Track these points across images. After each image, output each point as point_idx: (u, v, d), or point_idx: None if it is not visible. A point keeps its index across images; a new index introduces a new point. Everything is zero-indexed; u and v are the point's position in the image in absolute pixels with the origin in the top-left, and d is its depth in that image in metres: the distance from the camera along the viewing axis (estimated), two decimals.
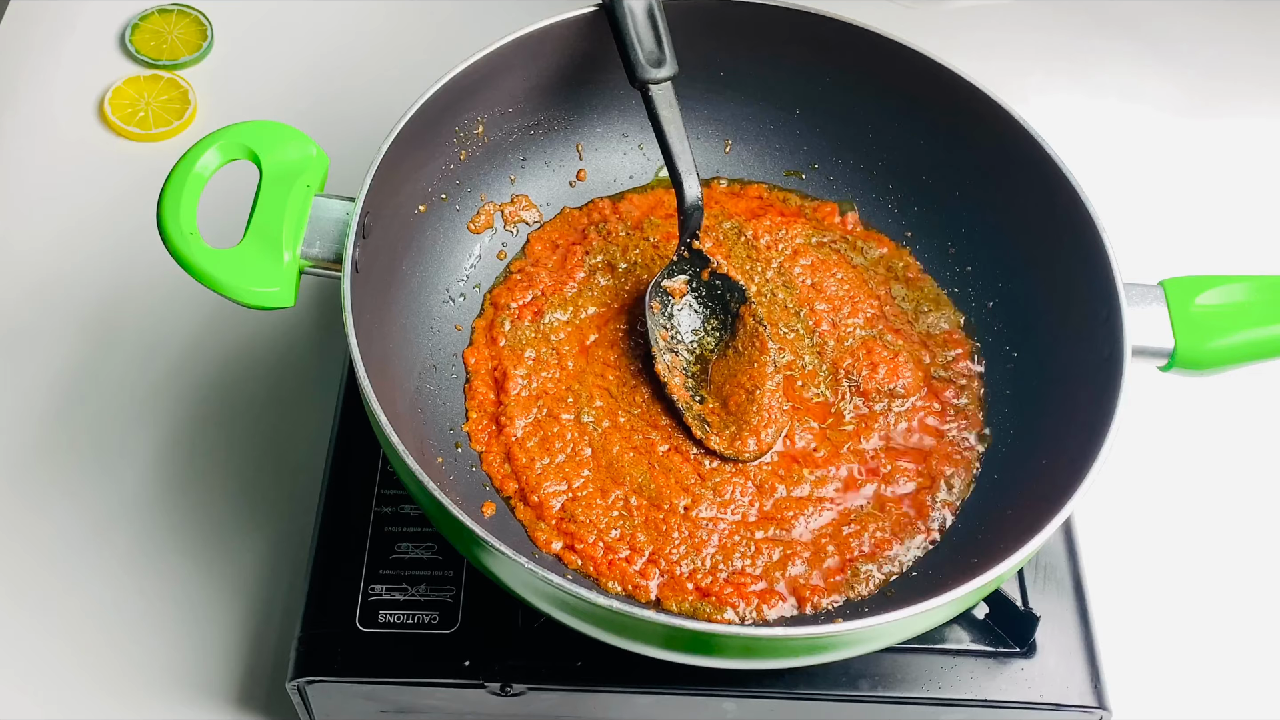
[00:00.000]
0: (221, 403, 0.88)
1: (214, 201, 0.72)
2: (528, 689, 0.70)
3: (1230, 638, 0.82)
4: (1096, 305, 0.69)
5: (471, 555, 0.64)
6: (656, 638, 0.62)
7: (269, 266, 0.67)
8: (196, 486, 0.85)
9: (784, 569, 0.70)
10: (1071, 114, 1.08)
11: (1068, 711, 0.70)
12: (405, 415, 0.72)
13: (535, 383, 0.76)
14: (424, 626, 0.71)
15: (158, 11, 1.09)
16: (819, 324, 0.79)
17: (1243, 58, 1.13)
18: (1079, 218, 0.71)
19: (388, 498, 0.76)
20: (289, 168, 0.69)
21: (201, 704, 0.77)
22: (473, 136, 0.79)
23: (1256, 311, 0.69)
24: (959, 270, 0.81)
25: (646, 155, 0.86)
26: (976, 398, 0.77)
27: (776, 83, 0.83)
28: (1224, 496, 0.88)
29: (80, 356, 0.90)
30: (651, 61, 0.74)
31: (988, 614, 0.72)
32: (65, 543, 0.82)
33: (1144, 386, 0.69)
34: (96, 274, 0.94)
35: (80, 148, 1.01)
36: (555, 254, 0.82)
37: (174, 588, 0.81)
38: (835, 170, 0.85)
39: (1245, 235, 1.01)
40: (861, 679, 0.70)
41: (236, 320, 0.91)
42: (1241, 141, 1.07)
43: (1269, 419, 0.92)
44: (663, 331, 0.77)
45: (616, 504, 0.72)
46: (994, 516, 0.71)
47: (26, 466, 0.85)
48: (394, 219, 0.74)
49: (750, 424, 0.74)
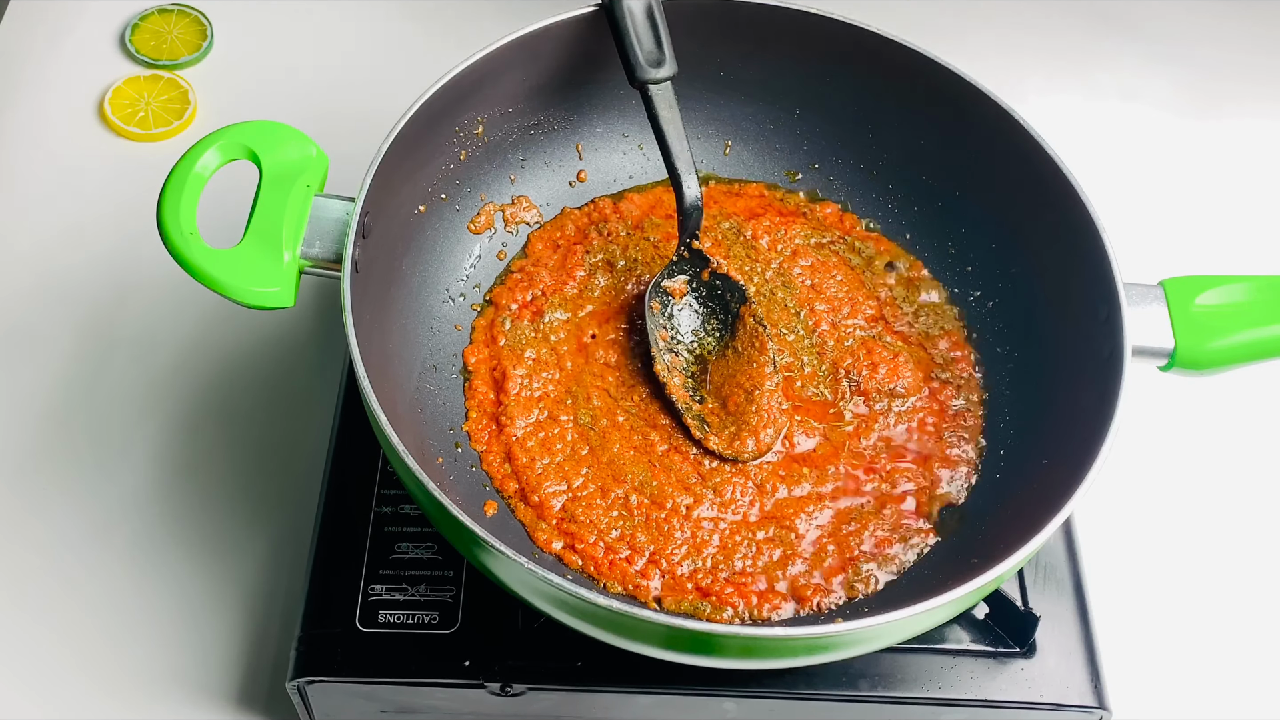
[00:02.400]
0: (221, 403, 0.88)
1: (214, 201, 0.72)
2: (528, 689, 0.70)
3: (1230, 638, 0.82)
4: (1096, 305, 0.69)
5: (471, 555, 0.64)
6: (657, 638, 0.61)
7: (269, 266, 0.67)
8: (196, 486, 0.85)
9: (784, 569, 0.70)
10: (1071, 114, 1.08)
11: (1068, 711, 0.70)
12: (405, 415, 0.72)
13: (535, 382, 0.76)
14: (424, 626, 0.71)
15: (158, 11, 1.09)
16: (818, 324, 0.79)
17: (1243, 58, 1.13)
18: (1079, 218, 0.71)
19: (388, 498, 0.76)
20: (289, 168, 0.69)
21: (201, 704, 0.77)
22: (473, 136, 0.79)
23: (1256, 311, 0.69)
24: (959, 270, 0.81)
25: (646, 155, 0.86)
26: (976, 398, 0.77)
27: (776, 83, 0.83)
28: (1224, 496, 0.88)
29: (80, 356, 0.90)
30: (651, 61, 0.74)
31: (988, 614, 0.72)
32: (65, 543, 0.82)
33: (1144, 386, 0.69)
34: (96, 274, 0.94)
35: (80, 148, 1.01)
36: (556, 253, 0.82)
37: (174, 588, 0.81)
38: (835, 170, 0.85)
39: (1245, 235, 1.01)
40: (861, 679, 0.70)
41: (236, 320, 0.91)
42: (1241, 141, 1.07)
43: (1269, 419, 0.92)
44: (662, 331, 0.77)
45: (617, 504, 0.72)
46: (994, 517, 0.71)
47: (26, 466, 0.85)
48: (394, 219, 0.74)
49: (749, 424, 0.74)
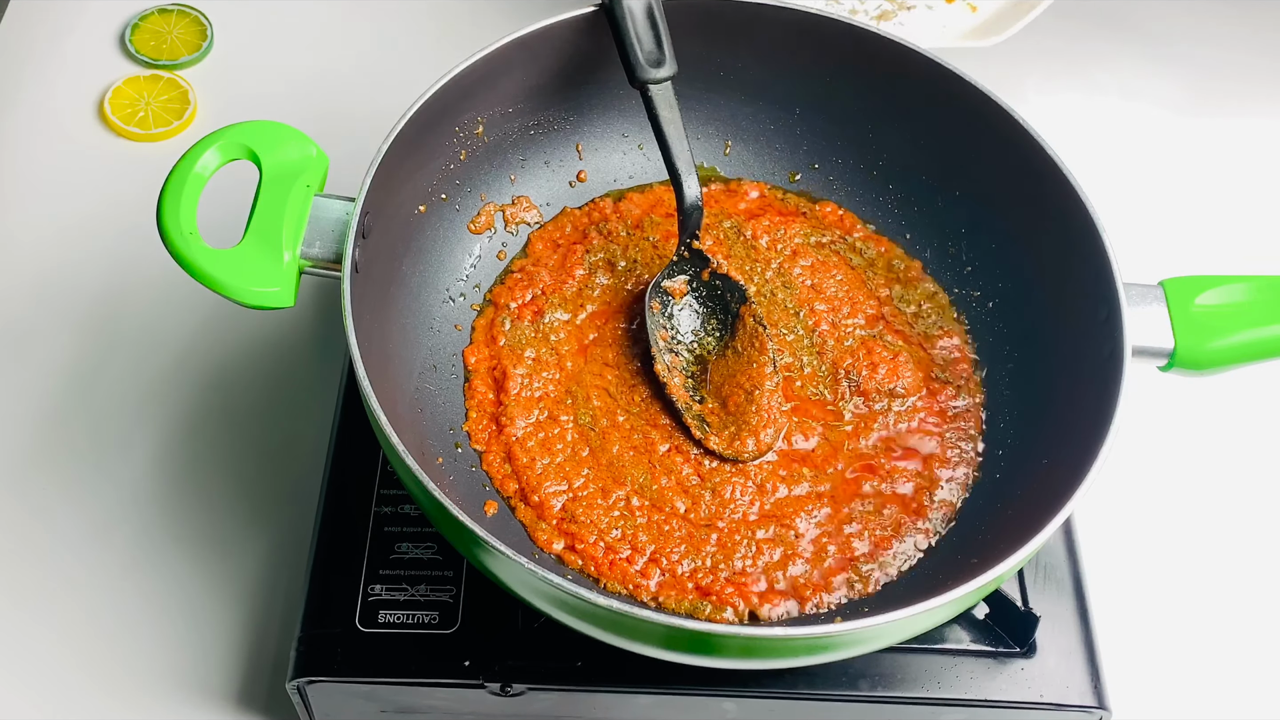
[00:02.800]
0: (221, 403, 0.88)
1: (214, 201, 0.72)
2: (528, 689, 0.70)
3: (1230, 638, 0.82)
4: (1096, 305, 0.69)
5: (471, 555, 0.64)
6: (656, 638, 0.61)
7: (269, 266, 0.67)
8: (196, 486, 0.85)
9: (784, 569, 0.70)
10: (1071, 114, 1.08)
11: (1068, 711, 0.70)
12: (405, 415, 0.72)
13: (535, 382, 0.76)
14: (424, 626, 0.71)
15: (158, 11, 1.09)
16: (818, 324, 0.79)
17: (1243, 58, 1.13)
18: (1079, 218, 0.71)
19: (388, 498, 0.76)
20: (289, 168, 0.69)
21: (201, 704, 0.77)
22: (473, 136, 0.79)
23: (1256, 311, 0.69)
24: (959, 270, 0.81)
25: (646, 155, 0.86)
26: (976, 398, 0.77)
27: (776, 83, 0.83)
28: (1224, 496, 0.88)
29: (80, 356, 0.90)
30: (651, 62, 0.74)
31: (988, 614, 0.72)
32: (64, 542, 0.82)
33: (1144, 386, 0.69)
34: (96, 274, 0.94)
35: (80, 148, 1.01)
36: (556, 253, 0.82)
37: (174, 588, 0.81)
38: (835, 170, 0.85)
39: (1245, 235, 1.01)
40: (861, 679, 0.70)
41: (236, 320, 0.91)
42: (1241, 141, 1.07)
43: (1269, 419, 0.92)
44: (662, 332, 0.77)
45: (617, 504, 0.72)
46: (994, 516, 0.71)
47: (26, 467, 0.85)
48: (394, 219, 0.74)
49: (749, 424, 0.74)
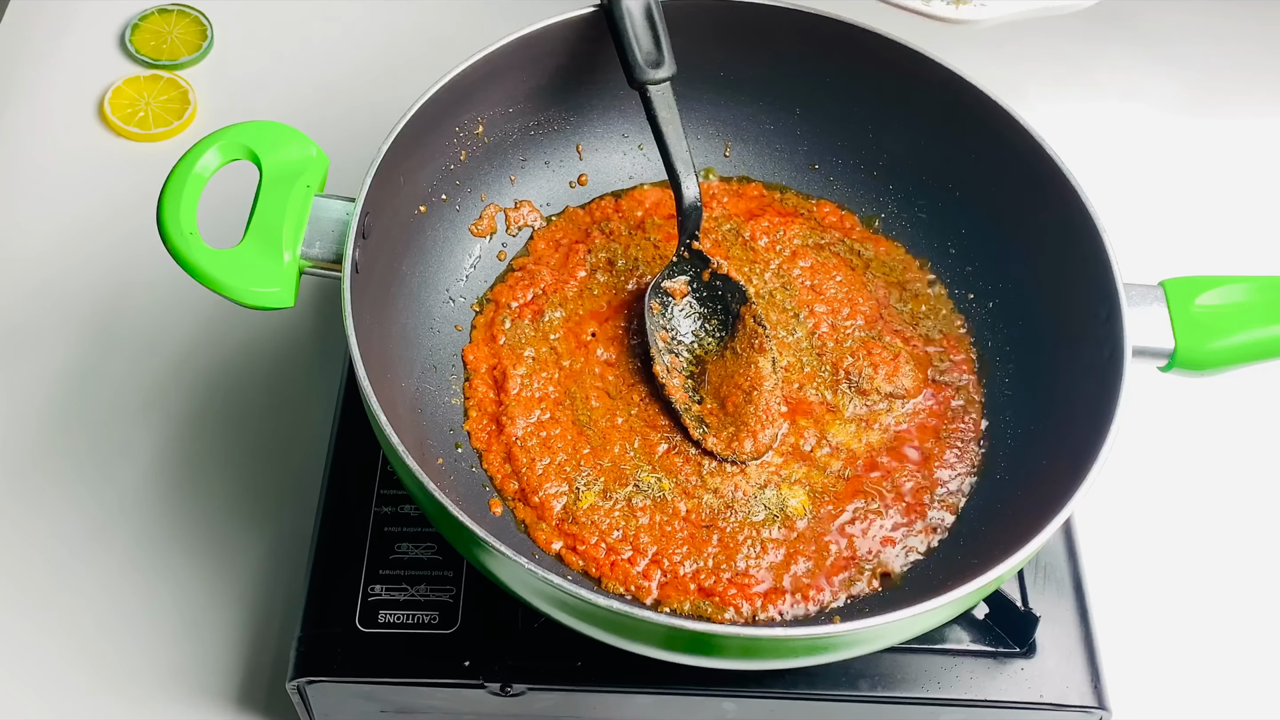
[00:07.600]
0: (221, 403, 0.88)
1: (214, 201, 0.72)
2: (528, 689, 0.70)
3: (1230, 638, 0.82)
4: (1097, 305, 0.69)
5: (471, 556, 0.64)
6: (657, 638, 0.61)
7: (269, 267, 0.67)
8: (196, 487, 0.85)
9: (785, 569, 0.70)
10: (1071, 114, 1.08)
11: (1068, 711, 0.70)
12: (405, 415, 0.72)
13: (535, 382, 0.76)
14: (424, 626, 0.71)
15: (158, 11, 1.09)
16: (818, 325, 0.79)
17: (1243, 58, 1.13)
18: (1079, 218, 0.70)
19: (388, 498, 0.76)
20: (289, 168, 0.69)
21: (201, 704, 0.77)
22: (473, 137, 0.79)
23: (1256, 312, 0.69)
24: (959, 270, 0.81)
25: (646, 155, 0.86)
26: (977, 398, 0.77)
27: (776, 83, 0.83)
28: (1224, 497, 0.88)
29: (80, 356, 0.90)
30: (650, 62, 0.74)
31: (988, 614, 0.72)
32: (65, 543, 0.82)
33: (1144, 386, 0.69)
34: (96, 274, 0.94)
35: (80, 148, 1.01)
36: (558, 252, 0.82)
37: (174, 588, 0.81)
38: (835, 170, 0.85)
39: (1245, 235, 1.01)
40: (861, 679, 0.70)
41: (236, 320, 0.91)
42: (1241, 141, 1.07)
43: (1269, 419, 0.92)
44: (662, 332, 0.77)
45: (618, 505, 0.72)
46: (994, 516, 0.71)
47: (26, 467, 0.85)
48: (394, 219, 0.74)
49: (748, 425, 0.74)
